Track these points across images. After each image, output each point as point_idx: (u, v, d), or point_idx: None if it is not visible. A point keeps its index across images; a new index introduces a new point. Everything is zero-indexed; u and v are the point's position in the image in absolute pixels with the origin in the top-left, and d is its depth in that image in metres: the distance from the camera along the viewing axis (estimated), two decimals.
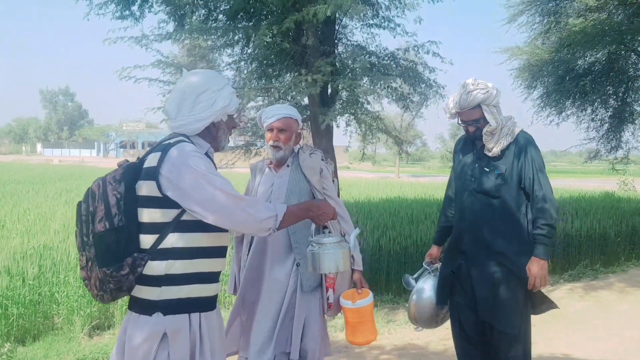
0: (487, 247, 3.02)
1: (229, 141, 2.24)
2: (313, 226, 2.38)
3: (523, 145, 3.02)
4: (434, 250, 3.43)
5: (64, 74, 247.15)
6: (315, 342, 2.89)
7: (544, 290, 3.07)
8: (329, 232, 2.40)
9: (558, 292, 6.81)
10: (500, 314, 2.98)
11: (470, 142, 3.19)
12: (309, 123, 6.60)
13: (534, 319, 3.11)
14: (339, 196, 6.21)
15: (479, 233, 3.05)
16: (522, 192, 3.01)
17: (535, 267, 2.90)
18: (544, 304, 3.12)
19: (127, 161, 2.01)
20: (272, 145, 2.96)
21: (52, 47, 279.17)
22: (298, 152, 3.02)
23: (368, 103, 6.87)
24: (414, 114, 11.52)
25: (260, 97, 6.46)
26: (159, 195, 1.90)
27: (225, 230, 2.05)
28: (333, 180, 3.04)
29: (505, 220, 3.01)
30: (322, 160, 3.00)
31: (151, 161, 1.95)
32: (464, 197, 3.15)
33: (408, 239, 8.51)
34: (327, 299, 2.92)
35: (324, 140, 6.38)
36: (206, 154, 2.07)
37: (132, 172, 1.94)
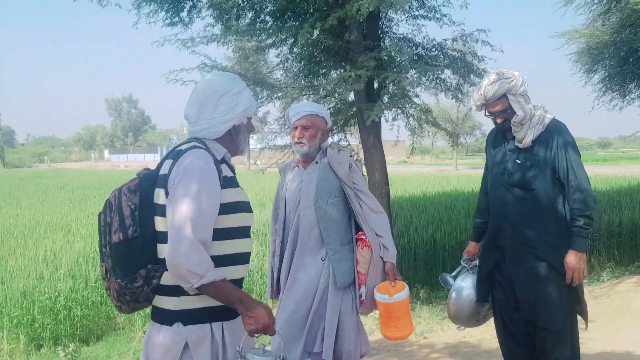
0: (525, 242, 2.92)
1: (248, 144, 2.18)
2: (245, 334, 1.90)
3: (555, 134, 2.90)
4: (472, 247, 3.34)
5: (127, 81, 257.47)
6: (351, 343, 2.85)
7: (587, 292, 2.93)
8: (264, 351, 1.86)
9: (623, 285, 6.48)
10: (542, 311, 2.87)
11: (501, 135, 3.10)
12: (356, 119, 6.54)
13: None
14: (388, 193, 6.18)
15: (516, 228, 2.95)
16: (557, 183, 2.89)
17: (573, 260, 2.79)
18: (579, 306, 2.98)
19: (147, 169, 2.00)
20: (295, 142, 2.98)
21: (114, 56, 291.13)
22: (326, 149, 3.01)
23: (416, 96, 6.73)
24: (472, 105, 11.24)
25: (305, 96, 6.45)
26: None
27: (245, 236, 1.99)
28: (362, 176, 3.01)
29: (543, 213, 2.89)
30: (351, 156, 2.98)
31: (165, 168, 1.92)
32: (499, 191, 3.05)
33: (464, 232, 8.35)
34: (360, 296, 2.87)
35: (371, 135, 6.28)
36: (223, 159, 2.01)
37: (149, 181, 1.92)
